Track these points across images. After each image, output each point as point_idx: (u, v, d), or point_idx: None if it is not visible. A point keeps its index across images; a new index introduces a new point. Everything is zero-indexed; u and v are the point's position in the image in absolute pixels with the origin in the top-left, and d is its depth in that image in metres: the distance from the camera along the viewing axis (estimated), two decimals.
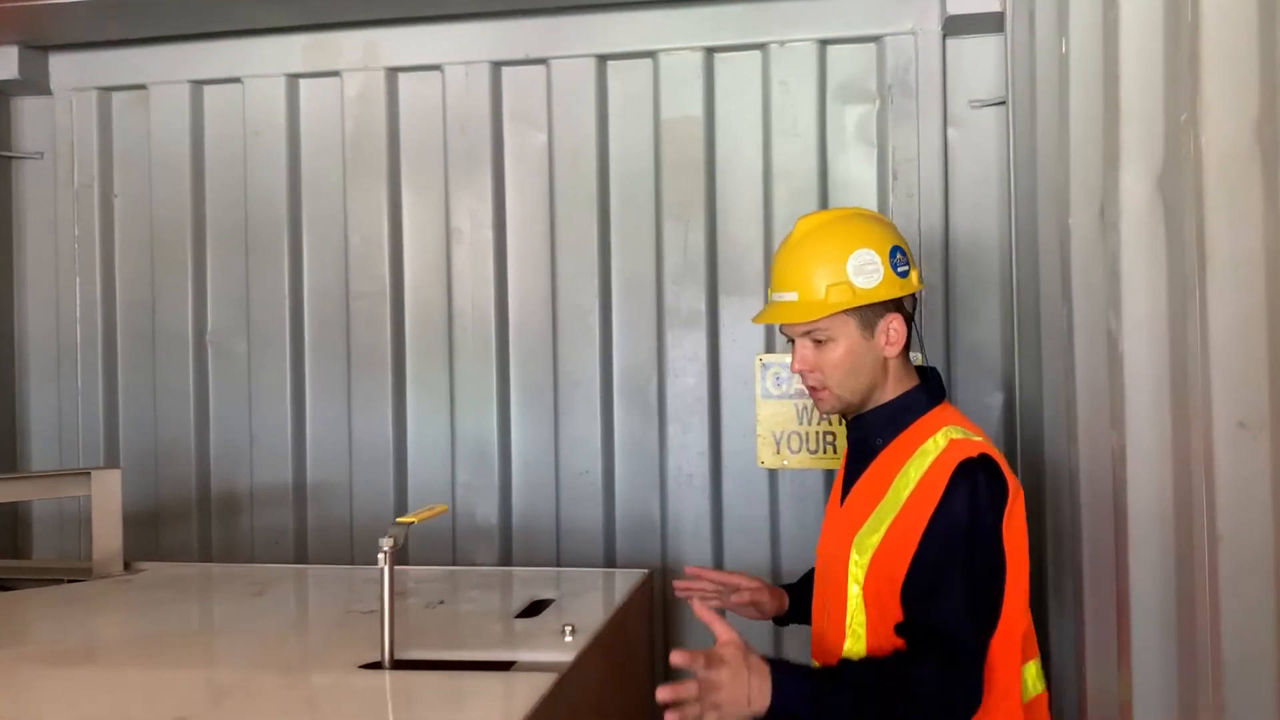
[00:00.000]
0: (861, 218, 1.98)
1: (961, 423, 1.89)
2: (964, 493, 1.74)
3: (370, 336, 3.20)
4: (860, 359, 1.88)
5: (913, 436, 1.88)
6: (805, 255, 1.91)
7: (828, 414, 1.98)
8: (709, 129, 3.03)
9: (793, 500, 2.99)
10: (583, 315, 3.09)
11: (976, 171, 2.90)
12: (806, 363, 1.91)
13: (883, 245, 1.90)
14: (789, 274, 1.91)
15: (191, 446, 3.29)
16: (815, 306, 1.86)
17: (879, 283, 1.86)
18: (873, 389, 1.92)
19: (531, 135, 3.13)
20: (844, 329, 1.87)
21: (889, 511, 1.83)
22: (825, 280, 1.86)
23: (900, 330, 1.90)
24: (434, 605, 2.00)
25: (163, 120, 3.32)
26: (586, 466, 3.09)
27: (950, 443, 1.81)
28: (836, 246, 1.89)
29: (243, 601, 2.18)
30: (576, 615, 1.94)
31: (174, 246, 3.30)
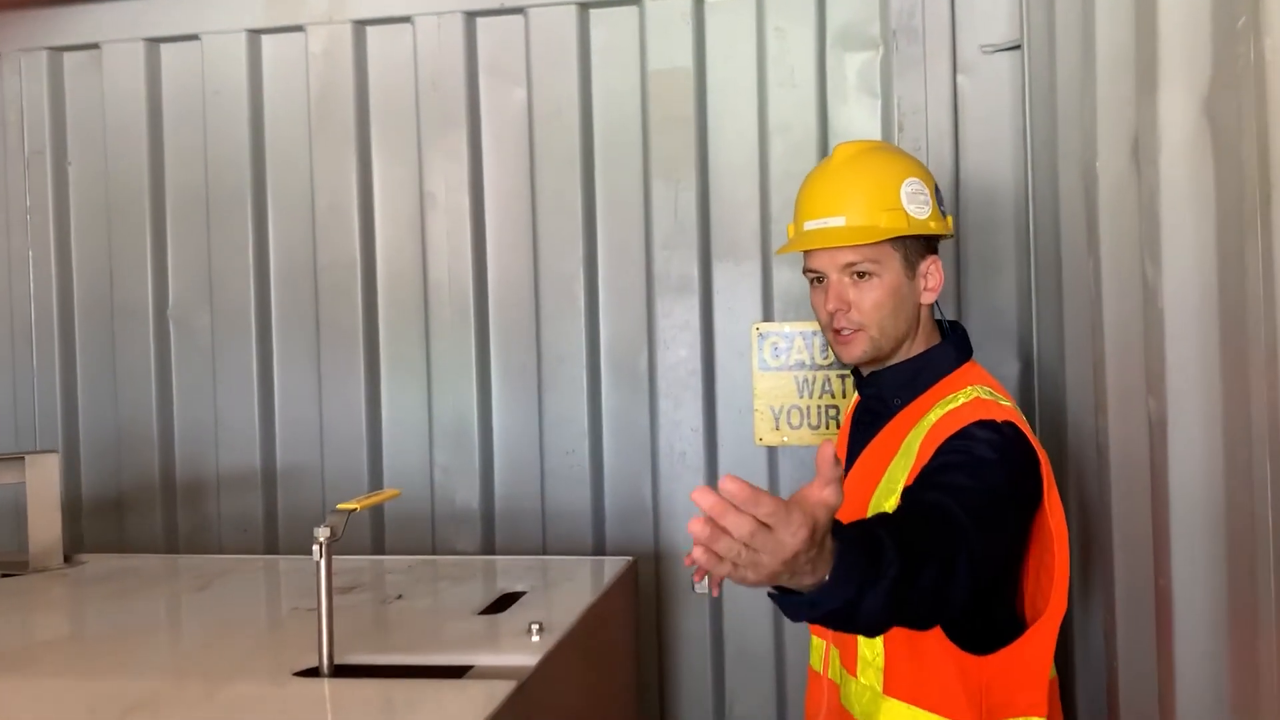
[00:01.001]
0: (905, 153, 1.85)
1: (991, 384, 1.69)
2: (986, 434, 1.55)
3: (340, 310, 2.99)
4: (903, 300, 1.72)
5: (934, 396, 1.69)
6: (854, 177, 1.74)
7: (850, 362, 1.77)
8: (699, 81, 2.80)
9: (793, 480, 2.78)
10: (567, 284, 2.88)
11: (988, 121, 2.67)
12: (844, 300, 1.71)
13: (928, 179, 1.76)
14: (835, 196, 1.73)
15: (154, 429, 3.10)
16: (867, 231, 1.68)
17: (928, 215, 1.71)
18: (904, 339, 1.74)
19: (509, 91, 2.91)
20: (890, 263, 1.71)
21: (902, 469, 1.63)
22: (879, 204, 1.69)
23: (939, 275, 1.74)
24: (390, 601, 1.80)
25: (117, 82, 3.10)
26: (572, 446, 2.88)
27: (976, 399, 1.63)
28: (888, 171, 1.73)
29: (183, 597, 1.98)
30: (548, 610, 1.74)
31: (131, 216, 3.10)
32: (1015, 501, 1.57)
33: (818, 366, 2.74)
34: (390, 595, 1.83)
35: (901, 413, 1.74)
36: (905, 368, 1.75)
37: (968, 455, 1.54)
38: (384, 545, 2.98)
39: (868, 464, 1.74)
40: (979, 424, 1.58)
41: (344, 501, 1.56)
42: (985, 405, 1.62)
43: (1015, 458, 1.57)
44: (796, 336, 2.75)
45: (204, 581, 2.06)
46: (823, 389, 2.74)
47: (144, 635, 1.73)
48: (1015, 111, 2.64)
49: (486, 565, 2.11)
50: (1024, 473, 1.57)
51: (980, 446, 1.55)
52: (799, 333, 2.74)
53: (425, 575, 2.05)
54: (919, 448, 1.62)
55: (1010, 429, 1.59)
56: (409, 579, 1.99)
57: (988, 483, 1.50)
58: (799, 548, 1.05)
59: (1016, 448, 1.58)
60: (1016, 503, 1.57)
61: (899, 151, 1.88)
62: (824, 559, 1.13)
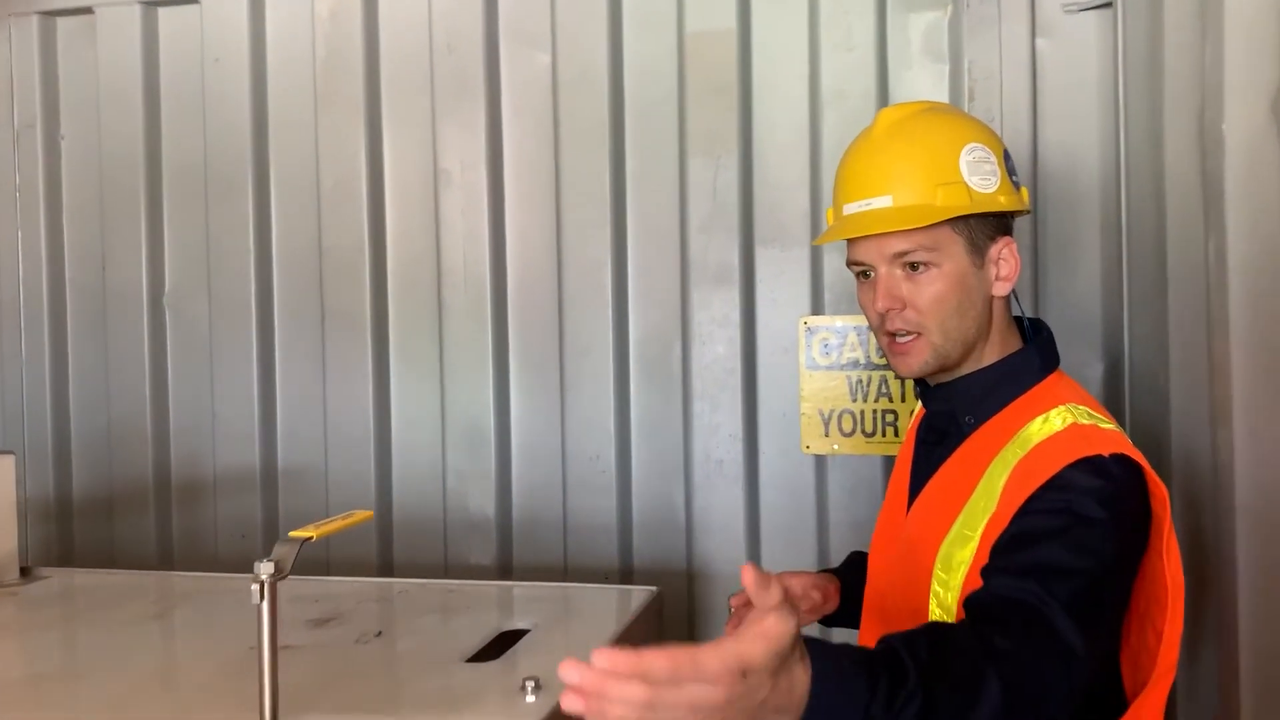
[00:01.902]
0: (965, 114, 1.54)
1: (1085, 402, 1.38)
2: (1090, 481, 1.25)
3: (347, 297, 2.73)
4: (969, 294, 1.41)
5: (1016, 416, 1.39)
6: (901, 147, 1.43)
7: (910, 376, 1.47)
8: (743, 44, 2.50)
9: (844, 493, 2.47)
10: (593, 272, 2.59)
11: (1072, 88, 2.35)
12: (896, 296, 1.41)
13: (994, 144, 1.44)
14: (878, 172, 1.43)
15: (148, 425, 2.86)
16: (920, 212, 1.37)
17: (997, 188, 1.40)
18: (975, 341, 1.43)
19: (531, 56, 2.62)
20: (951, 249, 1.39)
21: (980, 514, 1.33)
22: (934, 178, 1.38)
23: (1014, 260, 1.43)
24: (367, 639, 1.53)
25: (112, 49, 2.86)
26: (597, 451, 2.60)
27: (1072, 427, 1.32)
28: (944, 136, 1.42)
29: (134, 626, 1.72)
30: (551, 657, 1.45)
31: (126, 194, 2.86)
32: (1127, 566, 1.29)
33: (873, 366, 2.43)
34: (369, 631, 1.56)
35: (976, 434, 1.43)
36: (980, 379, 1.45)
37: (1067, 516, 1.24)
38: (391, 557, 2.72)
39: (936, 500, 1.44)
40: (1082, 465, 1.27)
41: (353, 509, 1.29)
42: (1085, 434, 1.31)
43: (1129, 510, 1.28)
44: (850, 332, 2.44)
45: (164, 606, 1.79)
46: (879, 391, 2.44)
47: (70, 678, 1.47)
48: (1103, 77, 2.31)
49: (487, 593, 1.84)
50: (1138, 525, 1.29)
51: (1083, 501, 1.25)
52: (852, 327, 2.44)
53: (417, 603, 1.78)
54: (1002, 490, 1.32)
55: (1120, 467, 1.28)
56: (397, 609, 1.72)
57: (1093, 558, 1.22)
58: (729, 698, 0.83)
59: (1129, 495, 1.28)
60: (1128, 568, 1.29)
61: (956, 112, 1.58)
62: (795, 699, 0.90)
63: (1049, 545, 1.23)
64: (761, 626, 0.86)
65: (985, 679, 1.06)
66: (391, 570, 2.71)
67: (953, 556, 1.35)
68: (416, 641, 1.53)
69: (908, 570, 1.44)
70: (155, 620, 1.74)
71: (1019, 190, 1.47)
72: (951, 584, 1.34)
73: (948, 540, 1.37)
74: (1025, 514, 1.27)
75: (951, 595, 1.34)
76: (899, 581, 1.47)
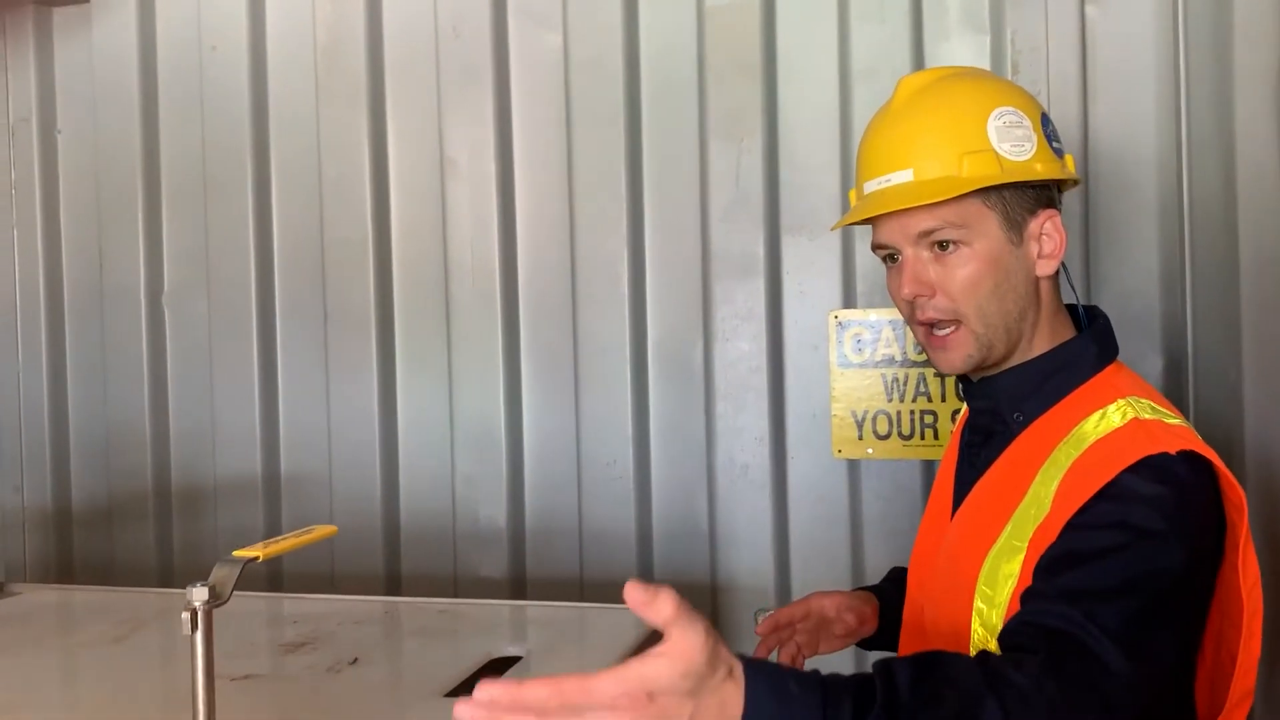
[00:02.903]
0: (996, 77, 1.43)
1: (1149, 395, 1.22)
2: (1151, 478, 1.10)
3: (350, 294, 2.59)
4: (1007, 274, 1.25)
5: (1071, 411, 1.22)
6: (924, 118, 1.29)
7: (953, 372, 1.32)
8: (767, 19, 2.33)
9: (879, 500, 2.29)
10: (609, 264, 2.43)
11: (1126, 59, 2.15)
12: (923, 281, 1.27)
13: (1030, 107, 1.28)
14: (898, 144, 1.29)
15: (146, 429, 2.73)
16: (943, 185, 1.23)
17: (1032, 155, 1.24)
18: (1022, 327, 1.27)
19: (542, 37, 2.47)
20: (983, 225, 1.24)
21: (1030, 522, 1.17)
22: (958, 146, 1.24)
23: (1059, 235, 1.27)
24: (340, 667, 1.37)
25: (108, 39, 2.75)
26: (614, 456, 2.44)
27: (1133, 422, 1.15)
28: (969, 101, 1.28)
29: (88, 650, 1.56)
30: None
31: (123, 189, 2.74)
32: (1198, 582, 1.13)
33: (911, 363, 2.25)
34: (344, 658, 1.40)
35: (1026, 432, 1.27)
36: (1028, 371, 1.28)
37: (1121, 530, 1.09)
38: (399, 569, 2.57)
39: (981, 507, 1.28)
40: (1143, 468, 1.11)
41: (358, 517, 1.13)
42: (1148, 430, 1.15)
43: (1198, 518, 1.11)
44: (884, 326, 2.26)
45: (130, 628, 1.64)
46: (917, 390, 2.25)
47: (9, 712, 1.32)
48: (1161, 45, 2.11)
49: (481, 614, 1.68)
50: (1210, 535, 1.13)
51: (1142, 511, 1.09)
52: (887, 321, 2.26)
53: (404, 625, 1.62)
54: (1054, 495, 1.15)
55: (1186, 467, 1.12)
56: (381, 631, 1.56)
57: (1151, 577, 1.07)
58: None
59: (1198, 500, 1.12)
60: (1199, 584, 1.13)
61: (985, 75, 1.45)
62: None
63: (1097, 565, 1.08)
64: (662, 644, 0.79)
65: (982, 711, 0.92)
66: (399, 583, 2.57)
67: (999, 570, 1.20)
68: (394, 670, 1.37)
69: (949, 586, 1.29)
70: (115, 644, 1.58)
71: (1063, 158, 1.31)
72: (997, 600, 1.19)
73: (994, 552, 1.21)
74: (1074, 528, 1.12)
75: (997, 613, 1.19)
76: (940, 598, 1.32)
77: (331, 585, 2.56)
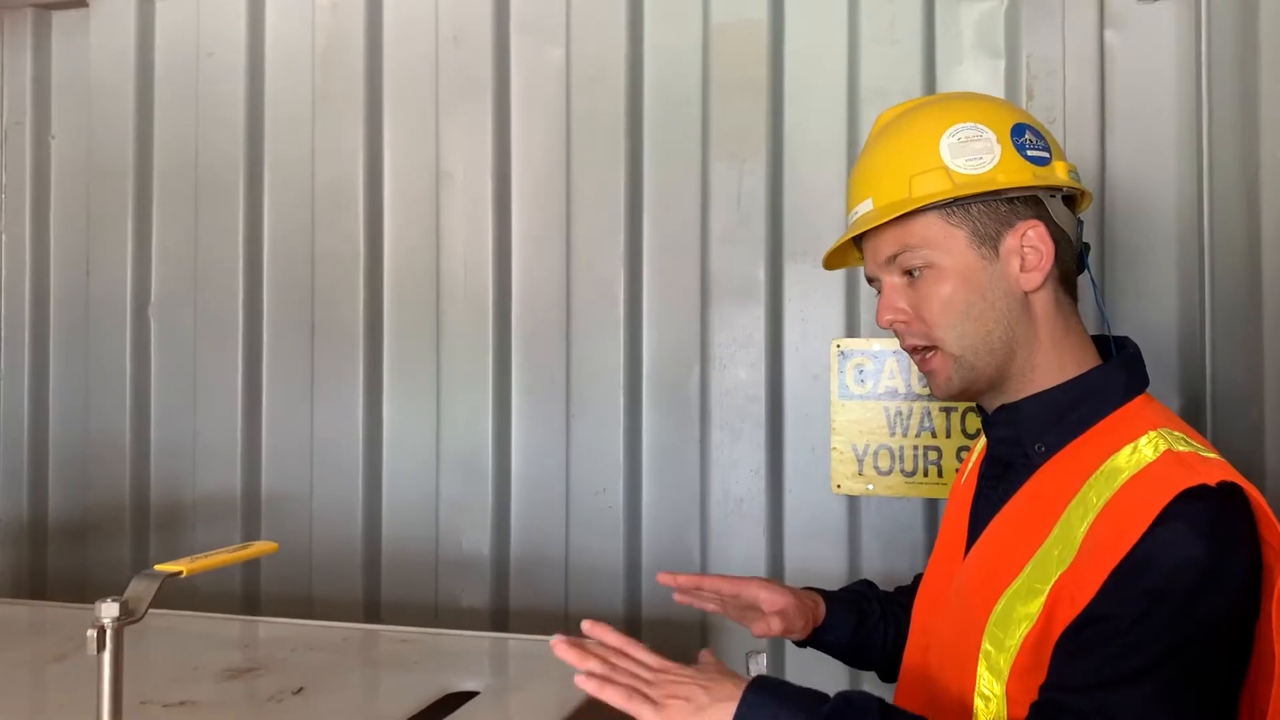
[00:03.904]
0: (970, 96, 1.41)
1: (1181, 428, 1.13)
2: (1190, 535, 1.02)
3: (339, 309, 2.51)
4: (982, 292, 1.19)
5: (1097, 443, 1.14)
6: (884, 146, 1.28)
7: (942, 396, 1.27)
8: (775, 36, 2.26)
9: (879, 539, 2.19)
10: (605, 285, 2.34)
11: (1145, 86, 2.07)
12: (896, 307, 1.24)
13: (997, 120, 1.23)
14: (862, 177, 1.28)
15: (127, 443, 2.65)
16: (894, 207, 1.21)
17: (993, 166, 1.19)
18: (1010, 347, 1.21)
19: (543, 50, 2.40)
20: (948, 244, 1.20)
21: (1055, 564, 1.09)
22: (909, 169, 1.21)
23: (1043, 244, 1.19)
24: (282, 697, 1.27)
25: (105, 43, 2.69)
26: (604, 484, 2.34)
27: (1167, 454, 1.07)
28: (927, 125, 1.24)
29: (21, 669, 1.46)
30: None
31: (114, 197, 2.67)
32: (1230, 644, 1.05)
33: (915, 396, 2.15)
34: (289, 688, 1.31)
35: (1048, 465, 1.18)
36: (1052, 399, 1.20)
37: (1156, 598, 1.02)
38: (379, 596, 2.47)
39: (999, 543, 1.19)
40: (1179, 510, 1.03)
41: (339, 539, 1.04)
42: (1184, 462, 1.07)
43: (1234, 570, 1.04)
44: (888, 357, 2.17)
45: (75, 644, 1.55)
46: (921, 425, 2.16)
47: None
48: (1183, 71, 2.04)
49: (445, 645, 1.57)
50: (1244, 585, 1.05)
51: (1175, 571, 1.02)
52: (891, 352, 2.16)
53: (361, 654, 1.52)
54: (1083, 538, 1.07)
55: (1225, 506, 1.04)
56: (334, 660, 1.46)
57: (1180, 651, 1.02)
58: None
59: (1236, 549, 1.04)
60: (1233, 644, 1.06)
61: (957, 99, 1.41)
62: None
63: (1124, 640, 1.02)
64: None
65: None
66: (378, 610, 2.47)
67: (1013, 611, 1.11)
68: (340, 703, 1.27)
69: (957, 626, 1.21)
70: (54, 663, 1.49)
71: (1052, 165, 1.23)
72: (1007, 644, 1.10)
73: (1010, 592, 1.13)
74: (1105, 593, 1.04)
75: (1005, 658, 1.11)
76: (946, 639, 1.24)
77: (310, 611, 2.47)
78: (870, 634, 1.47)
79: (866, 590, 1.53)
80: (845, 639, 1.46)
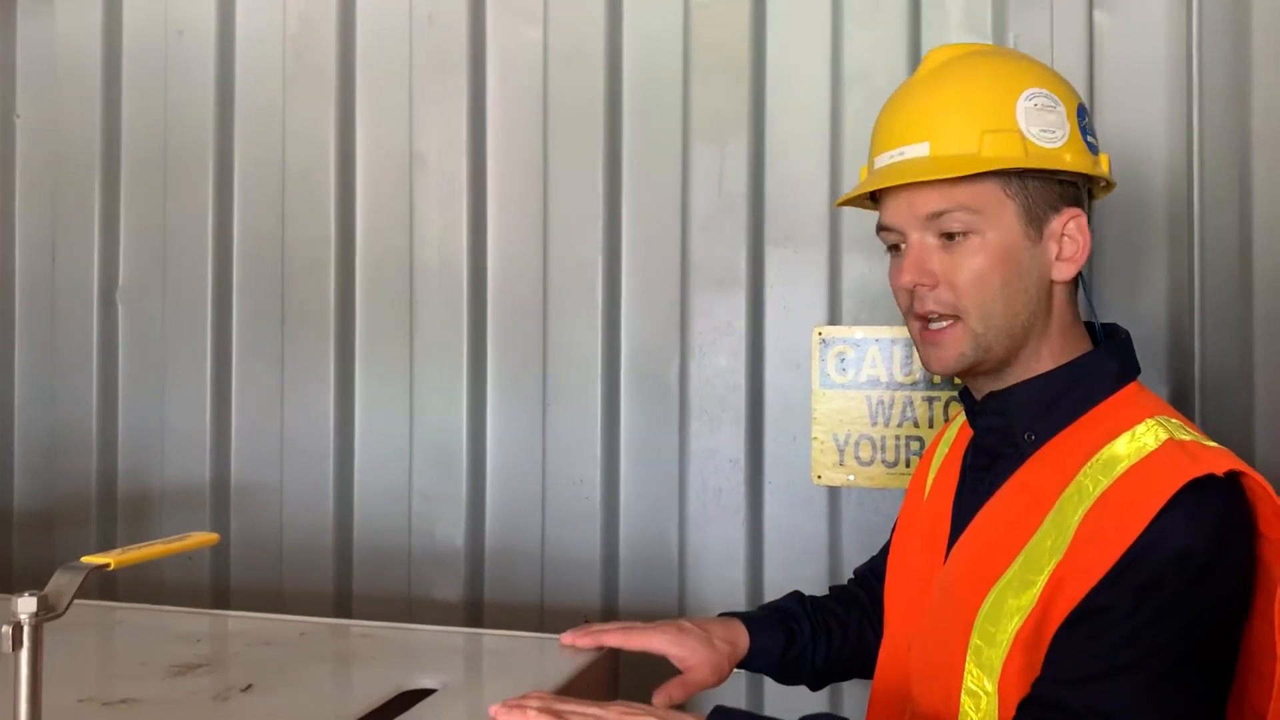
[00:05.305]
0: (1027, 55, 1.29)
1: (1176, 416, 1.11)
2: (1191, 530, 0.99)
3: (311, 296, 2.45)
4: (1019, 271, 1.14)
5: (1090, 431, 1.10)
6: (948, 90, 1.18)
7: (941, 371, 1.20)
8: (757, 16, 2.21)
9: (859, 530, 2.15)
10: (582, 272, 2.29)
11: (1135, 69, 2.02)
12: (926, 270, 1.16)
13: (1067, 94, 1.17)
14: (917, 118, 1.18)
15: (94, 431, 2.59)
16: (960, 163, 1.11)
17: (1063, 144, 1.13)
18: (1028, 333, 1.16)
19: (521, 29, 2.34)
20: (999, 214, 1.13)
21: (1048, 554, 1.05)
22: (982, 123, 1.13)
23: (1083, 238, 1.15)
24: (229, 694, 1.22)
25: (72, 20, 2.63)
26: (582, 475, 2.29)
27: (1169, 443, 1.04)
28: (1000, 76, 1.17)
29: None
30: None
31: (80, 179, 2.61)
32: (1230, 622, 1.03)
33: (898, 385, 2.11)
34: (238, 684, 1.25)
35: (1038, 454, 1.14)
36: (1042, 385, 1.16)
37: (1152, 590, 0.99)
38: (349, 587, 2.42)
39: (988, 535, 1.15)
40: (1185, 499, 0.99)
41: (306, 530, 0.99)
42: (1187, 450, 1.03)
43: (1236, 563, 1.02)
44: (870, 345, 2.12)
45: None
46: (903, 415, 2.11)
47: None
48: (1173, 54, 1.98)
49: (406, 640, 1.51)
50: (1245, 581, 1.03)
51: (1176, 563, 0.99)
52: (874, 340, 2.11)
53: (316, 649, 1.45)
54: (1078, 526, 1.03)
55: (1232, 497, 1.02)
56: (288, 655, 1.39)
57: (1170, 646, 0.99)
58: None
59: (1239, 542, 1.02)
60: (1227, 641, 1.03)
61: (1020, 55, 1.30)
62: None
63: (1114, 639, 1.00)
64: None
65: None
66: (349, 603, 2.42)
67: (1005, 604, 1.07)
68: (289, 700, 1.21)
69: (943, 622, 1.16)
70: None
71: (1098, 156, 1.19)
72: (998, 638, 1.06)
73: (1000, 585, 1.08)
74: (1103, 588, 1.01)
75: (996, 653, 1.06)
76: (931, 635, 1.19)
77: (279, 601, 2.41)
78: (801, 652, 1.41)
79: (796, 606, 1.47)
80: (774, 662, 1.41)
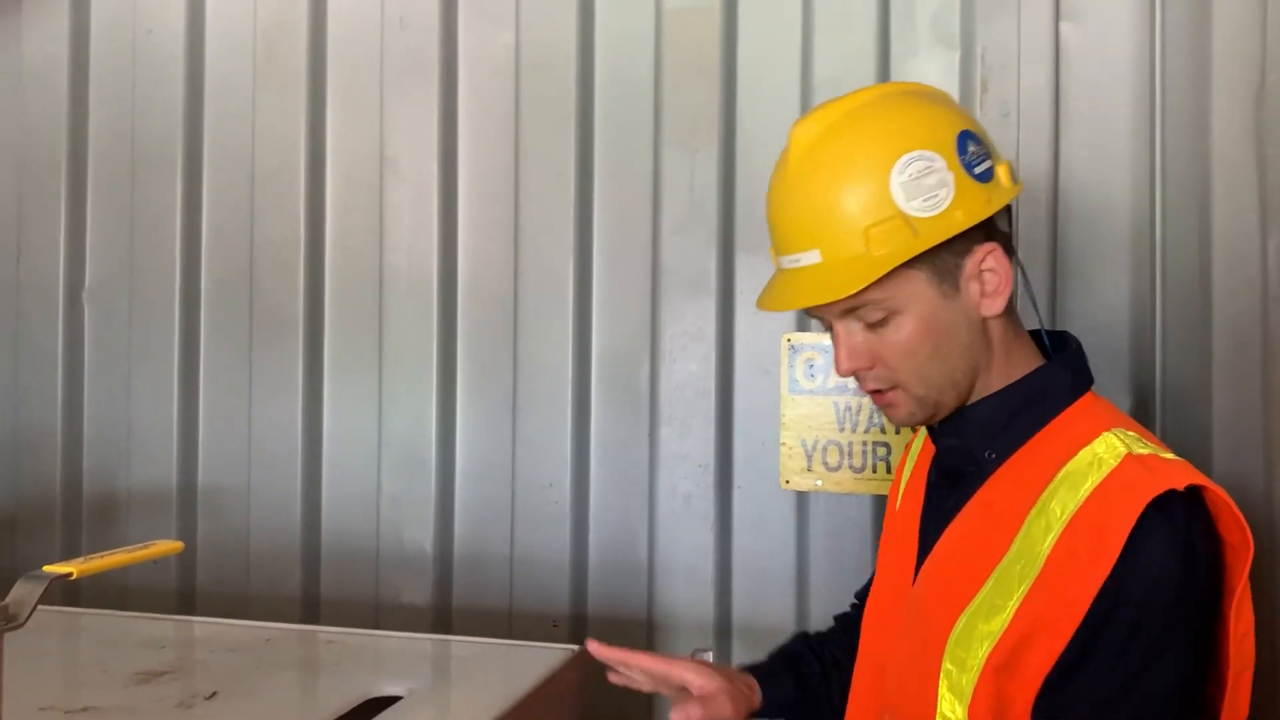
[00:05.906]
0: (895, 96, 1.20)
1: (1132, 427, 1.11)
2: (1164, 550, 1.00)
3: (280, 297, 2.44)
4: (947, 331, 1.13)
5: (1049, 446, 1.11)
6: (821, 182, 1.13)
7: (902, 426, 1.24)
8: (728, 23, 2.22)
9: (827, 536, 2.16)
10: (553, 276, 2.29)
11: (1101, 81, 2.04)
12: (859, 357, 1.15)
13: (942, 138, 1.12)
14: (800, 221, 1.16)
15: (59, 433, 2.57)
16: (853, 270, 1.10)
17: (950, 202, 1.09)
18: (973, 376, 1.16)
19: (493, 35, 2.34)
20: (909, 289, 1.12)
21: (1017, 579, 1.06)
22: (861, 219, 1.10)
23: (1002, 267, 1.13)
24: (193, 702, 1.21)
25: (39, 17, 2.60)
26: (552, 479, 2.29)
27: (1128, 459, 1.04)
28: (868, 153, 1.12)
29: None
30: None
31: (46, 178, 2.58)
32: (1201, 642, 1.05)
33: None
34: (202, 692, 1.25)
35: (1000, 472, 1.14)
36: (999, 403, 1.16)
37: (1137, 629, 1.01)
38: (318, 593, 2.41)
39: (955, 557, 1.15)
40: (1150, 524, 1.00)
41: (273, 533, 0.98)
42: (1147, 466, 1.04)
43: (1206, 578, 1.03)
44: None
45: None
46: (870, 421, 2.13)
47: None
48: (1138, 67, 2.01)
49: (372, 646, 1.52)
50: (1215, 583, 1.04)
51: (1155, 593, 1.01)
52: None
53: (282, 656, 1.46)
54: (1049, 554, 1.04)
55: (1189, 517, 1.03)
56: (253, 661, 1.39)
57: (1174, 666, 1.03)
58: None
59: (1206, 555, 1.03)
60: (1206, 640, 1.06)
61: (884, 108, 1.17)
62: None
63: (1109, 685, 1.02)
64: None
65: None
66: (317, 608, 2.41)
67: (975, 629, 1.07)
68: (254, 708, 1.22)
69: (915, 645, 1.16)
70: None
71: (994, 180, 1.14)
72: (970, 663, 1.06)
73: (970, 610, 1.09)
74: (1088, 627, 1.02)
75: (968, 678, 1.06)
76: (904, 658, 1.19)
77: (245, 606, 2.40)
78: (815, 695, 1.40)
79: (802, 648, 1.46)
80: (790, 708, 1.39)
